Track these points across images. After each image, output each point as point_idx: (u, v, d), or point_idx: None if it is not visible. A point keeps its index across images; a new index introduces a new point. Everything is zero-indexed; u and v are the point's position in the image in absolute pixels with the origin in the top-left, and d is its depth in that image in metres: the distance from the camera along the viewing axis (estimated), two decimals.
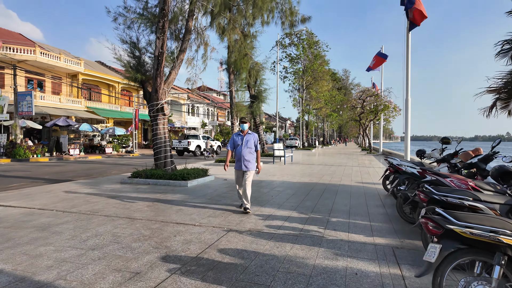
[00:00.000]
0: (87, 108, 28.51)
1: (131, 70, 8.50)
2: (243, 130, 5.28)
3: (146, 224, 4.49)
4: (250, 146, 5.23)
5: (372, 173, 11.46)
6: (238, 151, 5.23)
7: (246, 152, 5.16)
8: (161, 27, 8.08)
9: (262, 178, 9.73)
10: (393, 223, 4.69)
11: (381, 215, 5.17)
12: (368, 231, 4.25)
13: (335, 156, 21.69)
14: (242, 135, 5.29)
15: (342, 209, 5.58)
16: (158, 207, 5.55)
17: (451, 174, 3.96)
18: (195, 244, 3.65)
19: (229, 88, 14.02)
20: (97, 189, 7.40)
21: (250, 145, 5.22)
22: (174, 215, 4.97)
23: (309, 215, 5.06)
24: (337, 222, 4.70)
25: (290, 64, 31.34)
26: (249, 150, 5.21)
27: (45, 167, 14.30)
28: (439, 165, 6.26)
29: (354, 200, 6.43)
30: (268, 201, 6.19)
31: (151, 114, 8.63)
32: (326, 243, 3.73)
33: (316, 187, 7.99)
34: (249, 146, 5.21)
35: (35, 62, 24.37)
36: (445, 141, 7.02)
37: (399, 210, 4.81)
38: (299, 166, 13.82)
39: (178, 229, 4.25)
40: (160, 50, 8.18)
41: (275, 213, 5.20)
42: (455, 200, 3.10)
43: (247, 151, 5.18)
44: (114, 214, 5.01)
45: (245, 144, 5.18)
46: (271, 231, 4.19)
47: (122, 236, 3.94)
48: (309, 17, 15.84)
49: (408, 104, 11.84)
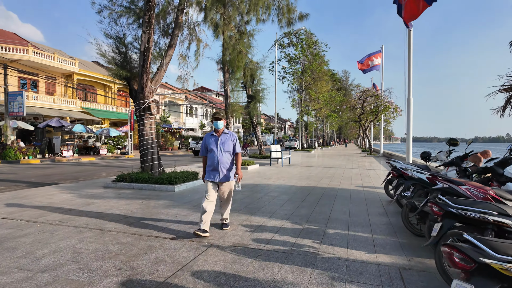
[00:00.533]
0: (82, 108, 27.96)
1: (116, 66, 7.96)
2: (218, 129, 4.11)
3: (117, 237, 3.93)
4: (228, 149, 4.09)
5: (373, 176, 10.91)
6: (212, 156, 4.05)
7: (222, 157, 4.03)
8: (147, 21, 7.55)
9: (257, 181, 9.18)
10: (398, 236, 4.13)
11: (384, 226, 4.61)
12: (370, 246, 3.69)
13: (335, 158, 21.14)
14: (216, 135, 4.11)
15: (341, 218, 5.03)
16: (136, 216, 4.99)
17: (466, 181, 3.41)
18: (167, 264, 3.10)
19: (224, 87, 13.48)
20: (76, 195, 6.85)
21: (227, 148, 4.08)
22: (152, 226, 4.42)
23: (303, 226, 4.51)
24: (335, 234, 4.15)
25: (289, 64, 30.85)
26: (226, 154, 4.08)
27: (34, 170, 13.74)
28: (447, 169, 5.72)
29: (354, 206, 5.88)
30: (260, 208, 5.64)
31: (137, 114, 8.10)
32: (321, 263, 3.18)
33: (314, 192, 7.44)
34: (226, 149, 4.07)
35: (28, 62, 23.85)
36: (452, 143, 6.48)
37: (404, 220, 4.26)
38: (297, 169, 13.26)
39: (151, 243, 3.70)
40: (146, 45, 7.65)
41: (265, 223, 4.65)
42: (476, 215, 2.55)
43: (224, 156, 4.05)
44: (85, 225, 4.46)
45: (221, 147, 4.05)
46: (258, 246, 3.63)
47: (84, 253, 3.39)
48: (306, 15, 15.31)
49: (410, 104, 11.31)
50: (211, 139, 4.13)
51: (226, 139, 4.12)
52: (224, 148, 4.07)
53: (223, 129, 4.15)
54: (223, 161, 4.05)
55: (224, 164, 4.05)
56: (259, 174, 11.05)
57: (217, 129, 4.14)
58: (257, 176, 10.46)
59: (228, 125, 13.64)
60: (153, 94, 8.08)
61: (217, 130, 4.14)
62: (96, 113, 28.58)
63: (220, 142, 4.08)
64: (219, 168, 4.04)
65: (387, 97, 25.35)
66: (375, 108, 25.82)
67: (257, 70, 18.13)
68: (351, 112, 30.67)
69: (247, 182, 9.06)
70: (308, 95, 32.33)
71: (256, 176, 10.45)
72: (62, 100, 26.43)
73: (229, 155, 4.12)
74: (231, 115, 13.57)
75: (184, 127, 42.05)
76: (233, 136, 4.19)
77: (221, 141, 4.08)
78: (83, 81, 29.86)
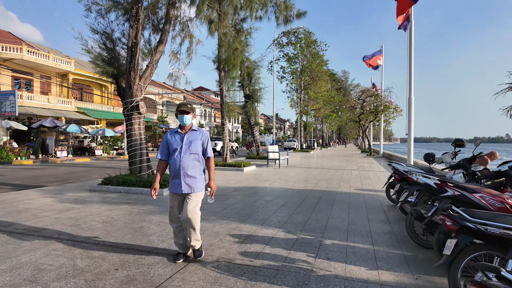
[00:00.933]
0: (78, 108, 27.53)
1: (103, 63, 7.55)
2: (184, 125, 3.22)
3: (89, 249, 3.52)
4: (195, 151, 3.18)
5: (373, 178, 10.50)
6: (173, 160, 3.15)
7: (187, 161, 3.13)
8: (134, 14, 7.14)
9: (252, 184, 8.77)
10: (402, 247, 3.73)
11: (386, 235, 4.21)
12: (371, 261, 3.28)
13: (334, 159, 20.74)
14: (182, 133, 3.21)
15: (339, 225, 4.62)
16: (116, 224, 4.58)
17: (480, 188, 3.01)
18: (137, 284, 2.69)
19: (220, 86, 13.07)
20: (57, 199, 6.43)
21: (194, 149, 3.18)
22: (130, 236, 4.00)
23: (297, 235, 4.10)
24: (332, 246, 3.74)
25: (287, 64, 30.43)
26: (193, 157, 3.17)
27: (24, 171, 13.32)
28: (454, 172, 5.31)
29: (353, 212, 5.47)
30: (252, 214, 5.23)
31: (125, 113, 7.69)
32: (316, 283, 2.77)
33: (311, 196, 7.03)
34: (193, 150, 3.17)
35: (21, 61, 23.42)
36: (458, 143, 6.07)
37: (409, 229, 3.85)
38: (294, 170, 12.86)
39: (125, 257, 3.29)
40: (133, 40, 7.24)
41: (256, 232, 4.24)
42: (498, 231, 2.15)
43: (189, 159, 3.14)
44: (56, 234, 4.04)
45: (186, 148, 3.15)
46: (246, 261, 3.22)
47: (46, 269, 2.98)
48: (304, 12, 14.93)
49: (411, 103, 10.93)
50: (174, 137, 3.22)
51: (194, 138, 3.21)
52: (190, 149, 3.16)
53: (191, 126, 3.27)
54: (187, 166, 3.12)
55: (188, 170, 3.13)
56: (255, 176, 10.64)
57: (183, 125, 3.23)
58: (252, 178, 10.05)
59: (224, 125, 13.22)
60: (141, 92, 7.67)
61: (183, 127, 3.25)
62: (92, 113, 28.15)
63: (186, 141, 3.17)
64: (180, 174, 3.12)
65: (387, 97, 24.98)
66: (375, 108, 25.44)
67: (255, 69, 17.75)
68: (351, 112, 30.30)
69: (242, 184, 8.65)
70: (307, 95, 31.95)
71: (251, 178, 10.05)
72: (57, 100, 25.99)
73: (196, 159, 3.20)
74: (227, 115, 13.15)
75: None
76: (203, 135, 3.28)
77: (187, 140, 3.18)
78: (79, 81, 29.43)
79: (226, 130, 13.26)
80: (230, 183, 8.83)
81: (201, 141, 3.25)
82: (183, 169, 3.13)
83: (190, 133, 3.23)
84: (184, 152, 3.15)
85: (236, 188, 8.03)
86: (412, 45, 10.82)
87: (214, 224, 4.57)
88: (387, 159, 20.82)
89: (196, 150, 3.20)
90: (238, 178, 10.10)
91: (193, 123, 3.27)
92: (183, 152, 3.14)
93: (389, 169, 13.53)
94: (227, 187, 8.17)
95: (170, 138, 3.23)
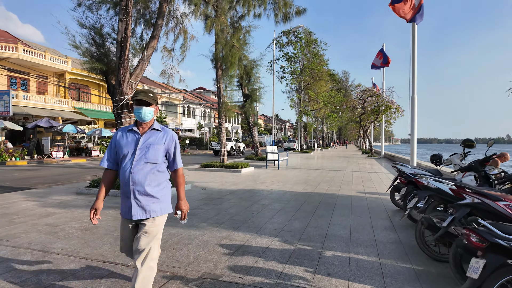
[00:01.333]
0: (75, 108, 27.19)
1: (91, 59, 7.17)
2: (142, 121, 2.27)
3: (59, 263, 3.12)
4: (154, 160, 2.23)
5: (375, 180, 10.10)
6: (123, 171, 2.21)
7: (142, 173, 2.19)
8: (124, 7, 6.76)
9: (249, 186, 8.37)
10: (412, 260, 3.33)
11: (393, 245, 3.80)
12: (377, 277, 2.89)
13: (334, 160, 20.33)
14: (138, 132, 2.27)
15: (340, 234, 4.22)
16: (97, 231, 4.19)
17: (505, 195, 2.61)
18: None
19: (217, 85, 12.69)
20: (40, 203, 6.04)
21: (152, 157, 2.23)
22: (108, 246, 3.61)
23: (295, 246, 3.70)
24: (333, 258, 3.34)
25: (287, 63, 30.06)
26: (149, 168, 2.22)
27: (16, 172, 12.94)
28: (464, 174, 4.92)
29: (355, 218, 5.07)
30: (246, 221, 4.83)
31: (115, 112, 7.30)
32: None
33: (310, 199, 6.64)
34: (151, 158, 2.22)
35: (17, 60, 23.09)
36: (468, 144, 5.67)
37: (419, 240, 3.45)
38: (294, 172, 12.46)
39: (99, 273, 2.89)
40: (123, 34, 6.85)
41: (249, 242, 3.84)
42: None
43: (146, 172, 2.20)
44: (26, 245, 3.65)
45: (141, 155, 2.21)
46: (234, 278, 2.82)
47: None
48: (304, 9, 14.55)
49: (414, 103, 10.56)
50: (125, 137, 2.26)
51: (154, 141, 2.25)
52: (146, 157, 2.19)
53: (153, 123, 2.31)
54: (141, 180, 2.16)
55: (142, 186, 2.17)
56: (253, 178, 10.25)
57: (141, 121, 2.26)
58: (250, 180, 9.66)
59: (220, 125, 12.82)
60: (132, 90, 7.28)
61: (141, 124, 2.28)
62: (90, 113, 27.81)
63: (141, 144, 2.21)
64: (131, 192, 2.16)
65: (388, 97, 24.59)
66: (376, 108, 25.03)
67: (254, 68, 17.38)
68: (351, 112, 29.90)
69: (238, 187, 8.25)
70: (307, 95, 31.56)
71: (248, 180, 9.65)
72: (54, 100, 25.65)
73: (155, 170, 2.23)
74: (224, 115, 12.76)
75: (181, 128, 41.27)
76: (169, 138, 2.32)
77: (143, 143, 2.22)
78: (76, 81, 29.06)
79: (223, 130, 12.87)
80: (226, 186, 8.44)
81: (165, 146, 2.28)
82: (135, 184, 2.15)
83: (150, 133, 2.26)
84: (137, 160, 2.17)
85: (232, 191, 7.63)
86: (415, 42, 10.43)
87: (203, 232, 4.17)
88: (389, 160, 20.41)
89: (156, 158, 2.22)
90: (235, 180, 9.71)
91: (155, 119, 2.35)
92: (136, 160, 2.17)
93: (391, 171, 13.12)
94: (223, 189, 7.78)
95: (120, 138, 2.26)
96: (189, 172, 11.51)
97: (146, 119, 2.25)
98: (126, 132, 2.29)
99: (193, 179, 9.73)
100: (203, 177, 10.21)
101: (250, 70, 17.19)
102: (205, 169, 12.32)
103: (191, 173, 11.24)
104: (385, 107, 24.18)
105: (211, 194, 7.06)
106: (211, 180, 9.47)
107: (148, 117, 2.25)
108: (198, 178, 10.07)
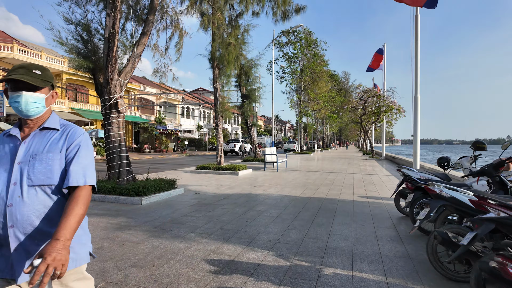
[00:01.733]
0: (72, 109, 26.85)
1: (78, 56, 6.79)
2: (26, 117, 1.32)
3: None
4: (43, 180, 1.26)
5: (377, 183, 9.70)
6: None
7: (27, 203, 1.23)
8: (111, 1, 6.38)
9: (245, 190, 7.97)
10: (423, 279, 2.92)
11: (400, 260, 3.40)
12: None
13: (335, 161, 19.93)
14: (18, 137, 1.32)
15: (342, 246, 3.82)
16: None
17: None
18: None
19: (213, 84, 12.30)
20: None
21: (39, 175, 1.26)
22: None
23: (291, 261, 3.30)
24: (334, 277, 2.94)
25: (287, 63, 29.70)
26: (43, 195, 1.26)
27: None
28: (478, 180, 4.51)
29: (358, 227, 4.67)
30: (238, 230, 4.43)
31: (103, 111, 6.93)
32: None
33: (309, 205, 6.24)
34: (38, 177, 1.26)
35: (12, 60, 22.79)
36: (478, 146, 5.26)
37: (431, 256, 3.05)
38: (293, 174, 12.06)
39: None
40: (111, 30, 6.48)
41: (240, 256, 3.44)
42: None
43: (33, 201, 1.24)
44: None
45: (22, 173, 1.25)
46: None
47: None
48: (303, 7, 14.19)
49: (417, 103, 10.14)
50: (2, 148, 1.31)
51: (45, 147, 1.32)
52: (31, 176, 1.26)
53: (47, 118, 1.39)
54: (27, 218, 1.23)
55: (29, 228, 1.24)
56: (250, 181, 9.85)
57: (25, 119, 1.34)
58: (247, 183, 9.26)
59: (217, 126, 12.42)
60: (121, 89, 6.90)
61: (26, 122, 1.35)
62: (87, 114, 27.49)
63: (22, 155, 1.28)
64: (10, 238, 1.22)
65: (389, 97, 24.19)
66: (377, 108, 24.63)
67: (252, 67, 17.01)
68: (352, 113, 29.49)
69: (234, 191, 7.85)
70: (307, 95, 31.19)
71: (245, 183, 9.25)
72: None
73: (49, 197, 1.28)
74: (221, 115, 12.37)
75: (180, 129, 40.89)
76: (71, 137, 1.37)
77: (25, 153, 1.29)
78: (73, 81, 28.70)
79: (220, 130, 12.47)
80: (222, 189, 8.04)
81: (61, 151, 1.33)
82: (17, 225, 1.23)
83: (37, 136, 1.34)
84: (16, 184, 1.24)
85: (227, 195, 7.23)
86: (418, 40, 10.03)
87: (190, 245, 3.77)
88: (390, 162, 20.01)
89: (48, 176, 1.28)
90: (231, 183, 9.31)
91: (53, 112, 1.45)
92: (15, 185, 1.24)
93: (394, 173, 12.71)
94: (217, 194, 7.38)
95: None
96: (184, 175, 11.12)
97: (31, 114, 1.31)
98: (2, 138, 1.34)
99: (187, 182, 9.34)
100: (198, 180, 9.82)
101: (249, 69, 16.82)
102: (201, 172, 11.92)
103: (186, 176, 10.85)
104: (387, 108, 23.78)
105: (204, 199, 6.66)
106: (206, 184, 9.08)
107: (33, 110, 1.31)
108: (193, 181, 9.67)
